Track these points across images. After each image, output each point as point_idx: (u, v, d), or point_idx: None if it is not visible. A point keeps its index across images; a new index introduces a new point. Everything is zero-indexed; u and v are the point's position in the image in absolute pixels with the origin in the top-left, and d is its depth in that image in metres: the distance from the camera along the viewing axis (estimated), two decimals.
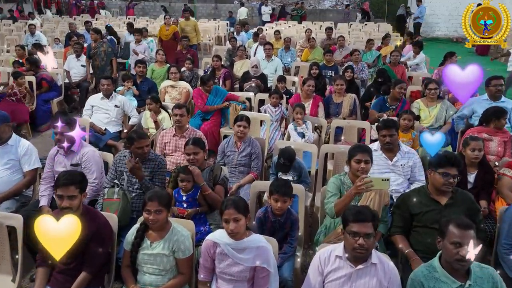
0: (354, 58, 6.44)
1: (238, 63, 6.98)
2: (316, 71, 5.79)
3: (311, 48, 8.13)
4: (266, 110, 4.70)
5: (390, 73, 6.20)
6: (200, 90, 5.14)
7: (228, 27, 15.43)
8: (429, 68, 8.22)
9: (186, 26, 8.80)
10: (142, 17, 17.59)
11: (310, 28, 12.08)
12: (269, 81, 6.66)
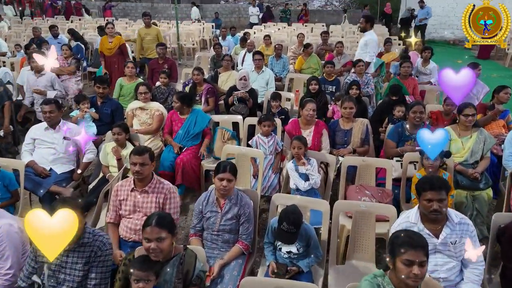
0: (358, 70, 5.54)
1: (223, 74, 6.00)
2: (316, 86, 4.86)
3: (305, 55, 7.20)
4: (257, 143, 3.73)
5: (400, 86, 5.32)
6: (175, 113, 4.17)
7: (213, 29, 14.42)
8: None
9: (146, 35, 7.27)
10: (121, 19, 16.46)
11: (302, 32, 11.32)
12: (260, 95, 5.71)
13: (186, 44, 11.94)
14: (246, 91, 5.10)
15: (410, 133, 3.71)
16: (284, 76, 7.28)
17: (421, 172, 3.14)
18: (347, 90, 4.81)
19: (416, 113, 3.63)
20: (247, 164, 3.48)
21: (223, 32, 9.58)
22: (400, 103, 4.38)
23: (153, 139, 4.26)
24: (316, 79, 4.90)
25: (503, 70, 10.30)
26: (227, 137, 4.18)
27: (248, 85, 5.16)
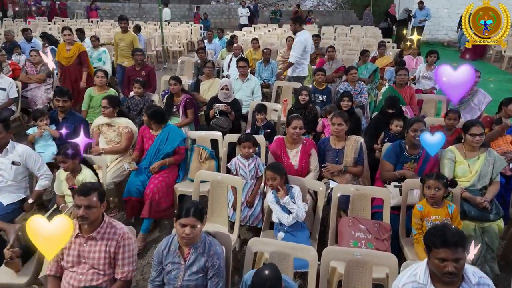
0: (350, 78, 5.11)
1: (205, 83, 5.53)
2: (306, 98, 4.41)
3: None
4: (236, 166, 3.27)
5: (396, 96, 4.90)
6: (147, 128, 3.69)
7: (202, 31, 13.92)
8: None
9: (120, 40, 6.60)
10: (106, 21, 15.87)
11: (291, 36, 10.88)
12: (245, 106, 5.26)
13: (172, 47, 11.43)
14: (229, 102, 4.65)
15: (409, 154, 3.28)
16: (272, 82, 6.84)
17: (423, 204, 2.71)
18: (338, 102, 4.37)
19: (417, 132, 3.20)
20: (223, 193, 3.02)
21: (209, 34, 9.09)
22: (397, 117, 3.95)
23: (121, 159, 3.78)
24: (307, 89, 4.45)
25: (499, 73, 9.97)
26: (205, 156, 3.72)
27: (230, 96, 4.71)
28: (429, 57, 6.20)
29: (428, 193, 2.65)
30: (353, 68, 5.15)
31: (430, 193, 2.63)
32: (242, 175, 3.23)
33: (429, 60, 6.21)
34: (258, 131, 4.43)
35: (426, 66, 6.28)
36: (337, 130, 3.38)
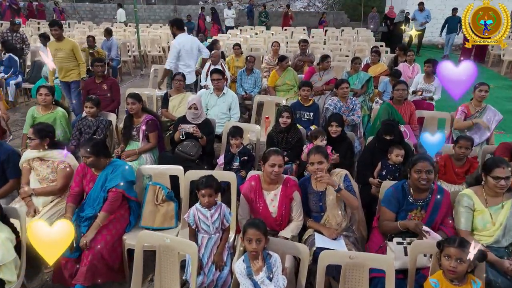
0: (341, 93, 4.43)
1: (174, 98, 4.81)
2: (288, 120, 3.70)
3: (280, 69, 6.07)
4: (195, 217, 2.53)
5: (394, 115, 4.24)
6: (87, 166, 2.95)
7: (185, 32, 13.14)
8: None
9: (57, 51, 5.32)
10: (85, 22, 15.02)
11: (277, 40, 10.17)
12: (220, 124, 4.55)
13: (151, 51, 10.67)
14: (199, 123, 3.94)
15: (415, 200, 2.60)
16: (255, 94, 6.14)
17: (439, 278, 2.03)
18: (326, 124, 3.68)
19: (421, 174, 2.51)
20: (175, 259, 2.30)
21: (200, 38, 8.33)
22: (397, 145, 3.28)
23: (58, 200, 3.05)
24: (288, 110, 3.74)
25: (499, 79, 9.40)
26: (162, 198, 3.00)
27: (200, 115, 4.00)
28: (427, 67, 5.54)
29: (447, 265, 1.97)
30: (344, 82, 4.46)
31: (450, 266, 1.95)
32: (204, 229, 2.52)
33: (427, 70, 5.55)
34: (233, 159, 3.74)
35: (424, 77, 5.63)
36: (316, 170, 2.67)
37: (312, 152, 2.69)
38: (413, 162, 2.56)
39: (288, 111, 3.70)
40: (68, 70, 5.44)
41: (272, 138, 3.76)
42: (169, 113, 4.74)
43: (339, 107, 4.44)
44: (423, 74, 5.69)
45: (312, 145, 3.53)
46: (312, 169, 2.68)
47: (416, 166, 2.52)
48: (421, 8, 11.68)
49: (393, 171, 3.26)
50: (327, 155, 2.71)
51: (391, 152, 3.26)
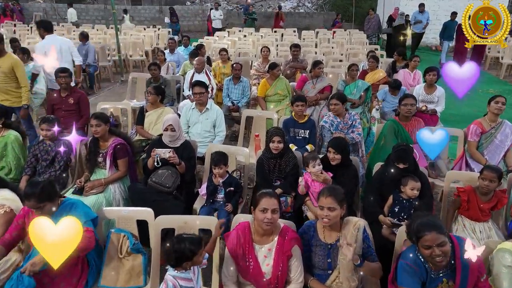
0: (335, 110, 3.86)
1: (150, 113, 4.22)
2: (280, 145, 3.13)
3: (271, 78, 5.52)
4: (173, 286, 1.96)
5: (401, 133, 3.73)
6: (32, 211, 2.35)
7: (170, 35, 12.51)
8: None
9: None
10: (63, 25, 14.24)
11: (267, 43, 9.64)
12: (203, 144, 3.99)
13: (133, 55, 10.01)
14: (177, 146, 3.37)
15: (437, 274, 2.04)
16: (243, 105, 5.59)
17: None
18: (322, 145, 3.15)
19: (433, 249, 1.90)
20: None
21: (170, 44, 7.71)
22: (412, 176, 2.76)
23: None
24: (280, 133, 3.16)
25: (499, 84, 9.01)
26: (127, 250, 2.42)
27: (178, 138, 3.42)
28: (428, 75, 5.02)
29: None
30: (333, 98, 3.89)
31: None
32: None
33: (428, 78, 5.04)
34: (216, 190, 3.17)
35: (425, 87, 5.13)
36: (326, 218, 2.12)
37: (324, 194, 2.14)
38: (418, 233, 1.95)
39: (279, 135, 3.14)
40: (5, 92, 4.36)
41: (263, 165, 3.21)
42: (144, 130, 4.16)
43: (336, 124, 3.91)
44: (423, 84, 5.18)
45: (308, 176, 3.00)
46: (320, 215, 2.13)
47: (423, 241, 1.92)
48: (422, 10, 11.10)
49: (407, 208, 2.74)
50: (343, 199, 2.16)
51: (405, 184, 2.74)
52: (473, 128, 3.75)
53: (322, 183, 2.90)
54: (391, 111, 5.37)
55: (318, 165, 2.89)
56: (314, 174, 2.90)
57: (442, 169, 3.84)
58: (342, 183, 2.91)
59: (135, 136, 4.22)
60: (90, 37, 11.09)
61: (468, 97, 8.06)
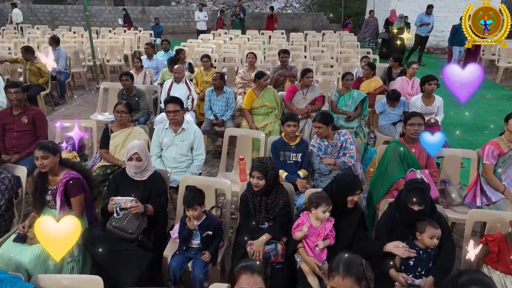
0: (320, 133, 3.31)
1: (117, 134, 3.61)
2: (260, 182, 2.52)
3: (258, 88, 4.98)
4: None
5: (407, 157, 3.22)
6: None
7: (152, 37, 11.87)
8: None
9: None
10: (38, 26, 13.45)
11: (254, 47, 9.10)
12: (177, 171, 3.43)
13: (111, 60, 9.35)
14: (143, 179, 2.80)
15: None
16: (227, 118, 5.03)
17: None
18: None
19: None
20: None
21: (147, 49, 7.08)
22: (431, 221, 2.24)
23: None
24: (259, 168, 2.53)
25: (495, 88, 8.64)
26: None
27: (146, 168, 2.84)
28: (428, 85, 4.52)
29: None
30: (315, 120, 3.32)
31: None
32: None
33: (428, 89, 4.55)
34: (191, 236, 2.62)
35: (423, 98, 4.64)
36: None
37: (337, 272, 1.61)
38: None
39: (259, 170, 2.53)
40: None
41: (247, 202, 2.66)
42: (110, 155, 3.56)
43: (324, 147, 3.37)
44: (421, 95, 4.70)
45: (306, 216, 2.46)
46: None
47: None
48: (430, 11, 10.28)
49: (425, 260, 2.23)
50: (362, 276, 1.63)
51: (422, 230, 2.23)
52: (489, 149, 3.27)
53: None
54: (390, 125, 4.89)
55: (329, 212, 2.36)
56: (316, 219, 2.38)
57: (453, 196, 3.35)
58: (347, 230, 2.41)
59: (99, 161, 3.62)
60: (65, 40, 10.51)
61: (466, 104, 7.68)
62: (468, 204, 3.31)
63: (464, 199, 3.35)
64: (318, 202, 2.38)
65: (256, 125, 4.84)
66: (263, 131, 4.85)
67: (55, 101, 7.17)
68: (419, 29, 10.43)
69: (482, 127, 6.27)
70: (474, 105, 7.45)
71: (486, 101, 7.76)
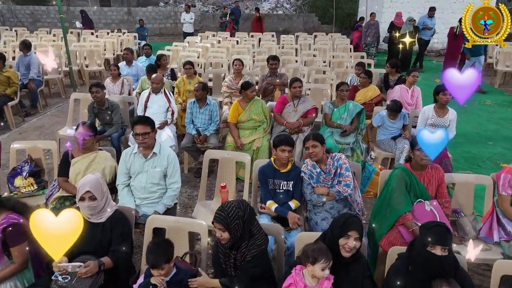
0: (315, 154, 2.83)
1: (78, 161, 3.09)
2: (224, 235, 1.96)
3: (245, 100, 4.51)
4: None
5: (414, 187, 2.77)
6: None
7: (137, 40, 11.33)
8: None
9: None
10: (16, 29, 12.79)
11: (243, 51, 8.63)
12: (147, 203, 2.94)
13: (90, 65, 8.78)
14: (101, 221, 2.31)
15: None
16: (211, 133, 4.55)
17: None
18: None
19: None
20: None
21: (126, 54, 6.54)
22: (450, 278, 1.79)
23: None
24: (221, 220, 2.02)
25: (495, 94, 8.28)
26: None
27: (103, 209, 2.35)
28: (443, 95, 4.07)
29: None
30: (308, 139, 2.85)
31: None
32: None
33: (441, 99, 4.10)
34: None
35: (436, 108, 4.23)
36: None
37: None
38: None
39: (218, 220, 2.03)
40: None
41: (219, 256, 2.17)
42: (69, 184, 3.05)
43: (316, 174, 2.90)
44: (433, 105, 4.27)
45: (299, 274, 1.99)
46: None
47: None
48: (432, 14, 9.84)
49: None
50: None
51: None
52: (505, 178, 2.84)
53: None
54: (390, 140, 4.47)
55: (329, 269, 1.90)
56: (312, 276, 1.92)
57: (466, 229, 2.92)
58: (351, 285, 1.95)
59: (57, 191, 3.11)
60: (42, 44, 9.92)
61: (465, 111, 7.32)
62: (484, 239, 2.89)
63: (479, 233, 2.92)
64: (316, 257, 1.91)
65: (243, 141, 4.38)
66: (251, 147, 4.42)
67: (26, 111, 6.62)
68: (421, 33, 10.01)
69: (485, 137, 5.88)
70: (473, 112, 7.09)
71: (486, 108, 7.39)
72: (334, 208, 2.88)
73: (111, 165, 3.12)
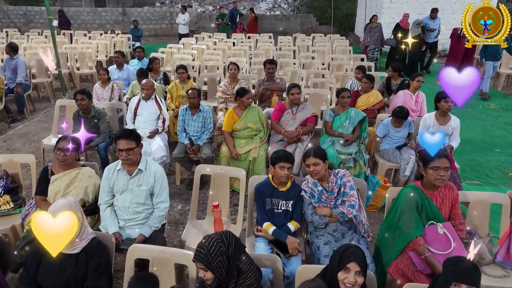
0: (317, 172, 2.58)
1: (58, 178, 2.79)
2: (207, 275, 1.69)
3: (240, 107, 4.25)
4: None
5: (426, 208, 2.52)
6: None
7: (131, 41, 11.03)
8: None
9: None
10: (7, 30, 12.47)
11: (239, 52, 8.35)
12: (133, 223, 2.66)
13: (81, 67, 8.49)
14: (75, 252, 2.04)
15: None
16: (204, 142, 4.28)
17: None
18: None
19: None
20: None
21: (117, 58, 6.25)
22: None
23: None
24: (202, 259, 1.77)
25: (498, 97, 8.05)
26: None
27: (79, 236, 2.08)
28: (444, 102, 3.85)
29: None
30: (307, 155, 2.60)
31: None
32: None
33: (443, 106, 3.88)
34: None
35: (437, 115, 3.98)
36: None
37: None
38: None
39: (198, 259, 1.80)
40: None
41: None
42: (48, 203, 2.77)
43: (317, 193, 2.64)
44: (435, 113, 4.03)
45: None
46: None
47: None
48: (434, 16, 9.50)
49: None
50: None
51: None
52: None
53: None
54: (394, 149, 4.21)
55: None
56: None
57: (482, 252, 2.67)
58: None
59: (34, 210, 2.84)
60: (32, 46, 9.62)
61: (468, 116, 7.09)
62: (501, 263, 2.64)
63: (496, 257, 2.67)
64: None
65: (238, 151, 4.12)
66: (246, 158, 4.16)
67: (12, 117, 6.33)
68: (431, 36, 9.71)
69: (490, 144, 5.64)
70: (478, 117, 6.85)
71: (490, 112, 7.15)
72: (338, 231, 2.62)
73: (94, 183, 2.85)
